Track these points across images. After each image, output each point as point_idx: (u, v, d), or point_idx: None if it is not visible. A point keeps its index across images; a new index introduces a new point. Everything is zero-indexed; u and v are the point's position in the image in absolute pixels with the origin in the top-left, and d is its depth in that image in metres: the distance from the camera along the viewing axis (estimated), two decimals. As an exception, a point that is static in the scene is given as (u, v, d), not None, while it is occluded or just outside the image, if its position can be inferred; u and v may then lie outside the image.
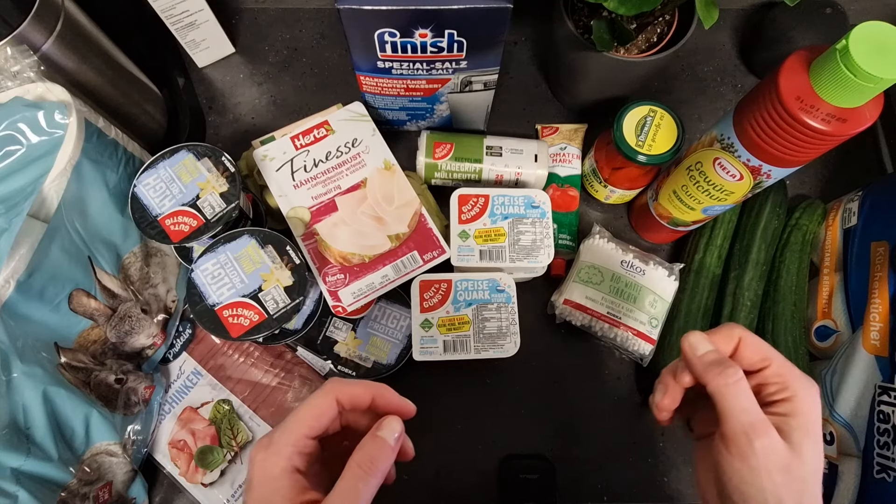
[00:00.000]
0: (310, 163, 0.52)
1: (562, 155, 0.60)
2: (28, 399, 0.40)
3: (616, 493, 0.53)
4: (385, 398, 0.33)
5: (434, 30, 0.44)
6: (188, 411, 0.52)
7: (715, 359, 0.32)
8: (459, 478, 0.54)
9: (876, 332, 0.46)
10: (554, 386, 0.56)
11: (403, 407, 0.33)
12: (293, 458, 0.29)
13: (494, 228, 0.50)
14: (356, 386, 0.32)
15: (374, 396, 0.32)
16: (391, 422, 0.31)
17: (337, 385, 0.31)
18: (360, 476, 0.29)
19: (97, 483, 0.44)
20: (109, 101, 0.52)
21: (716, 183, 0.45)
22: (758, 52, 0.64)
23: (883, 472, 0.43)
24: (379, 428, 0.31)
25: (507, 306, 0.49)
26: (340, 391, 0.31)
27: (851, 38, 0.31)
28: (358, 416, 0.34)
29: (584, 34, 0.51)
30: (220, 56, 0.65)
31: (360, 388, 0.32)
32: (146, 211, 0.46)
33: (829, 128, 0.35)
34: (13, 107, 0.42)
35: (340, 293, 0.49)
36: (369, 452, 0.30)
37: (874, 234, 0.50)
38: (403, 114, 0.57)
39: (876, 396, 0.44)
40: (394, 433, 0.31)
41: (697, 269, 0.55)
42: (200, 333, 0.55)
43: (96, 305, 0.46)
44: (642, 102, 0.51)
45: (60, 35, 0.45)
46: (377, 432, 0.31)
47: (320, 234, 0.50)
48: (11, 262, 0.39)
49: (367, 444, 0.30)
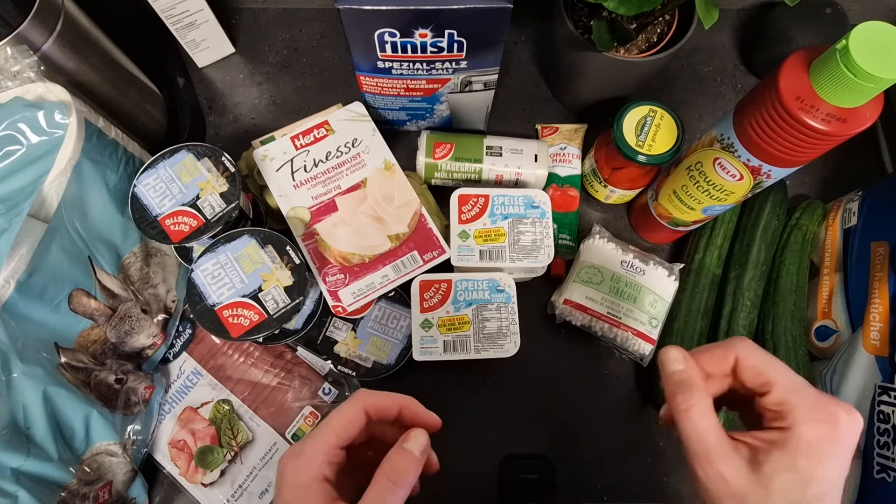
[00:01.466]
0: (310, 163, 0.52)
1: (562, 155, 0.60)
2: (28, 399, 0.40)
3: (616, 493, 0.53)
4: (412, 410, 0.33)
5: (434, 30, 0.44)
6: (188, 411, 0.52)
7: (678, 380, 0.31)
8: (459, 478, 0.53)
9: (876, 332, 0.46)
10: (554, 386, 0.56)
11: (429, 420, 0.33)
12: (323, 468, 0.30)
13: (494, 228, 0.50)
14: (384, 397, 0.32)
15: (401, 408, 0.32)
16: (418, 434, 0.31)
17: (365, 396, 0.32)
18: (388, 487, 0.29)
19: (97, 483, 0.44)
20: (109, 101, 0.52)
21: (716, 183, 0.45)
22: (758, 52, 0.64)
23: (883, 472, 0.43)
24: (406, 440, 0.31)
25: (507, 306, 0.49)
26: (369, 402, 0.31)
27: (851, 38, 0.31)
28: (383, 428, 0.34)
29: (584, 34, 0.51)
30: (220, 56, 0.65)
31: (387, 399, 0.32)
32: (146, 211, 0.46)
33: (829, 128, 0.35)
34: (13, 107, 0.43)
35: (340, 293, 0.49)
36: (397, 464, 0.30)
37: (874, 234, 0.50)
38: (403, 114, 0.57)
39: (876, 396, 0.44)
40: (420, 445, 0.31)
41: (697, 269, 0.55)
42: (200, 333, 0.55)
43: (96, 305, 0.46)
44: (642, 102, 0.51)
45: (60, 35, 0.45)
46: (404, 444, 0.30)
47: (320, 234, 0.50)
48: (11, 262, 0.39)
49: (395, 456, 0.30)
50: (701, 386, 0.30)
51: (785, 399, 0.29)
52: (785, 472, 0.28)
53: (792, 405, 0.29)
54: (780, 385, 0.29)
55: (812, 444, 0.28)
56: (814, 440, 0.28)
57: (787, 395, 0.29)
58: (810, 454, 0.28)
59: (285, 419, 0.52)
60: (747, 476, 0.28)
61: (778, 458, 0.28)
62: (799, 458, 0.28)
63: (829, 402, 0.29)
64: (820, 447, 0.28)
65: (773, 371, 0.30)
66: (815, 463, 0.28)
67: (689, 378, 0.31)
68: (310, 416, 0.52)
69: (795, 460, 0.28)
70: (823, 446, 0.28)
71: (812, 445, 0.28)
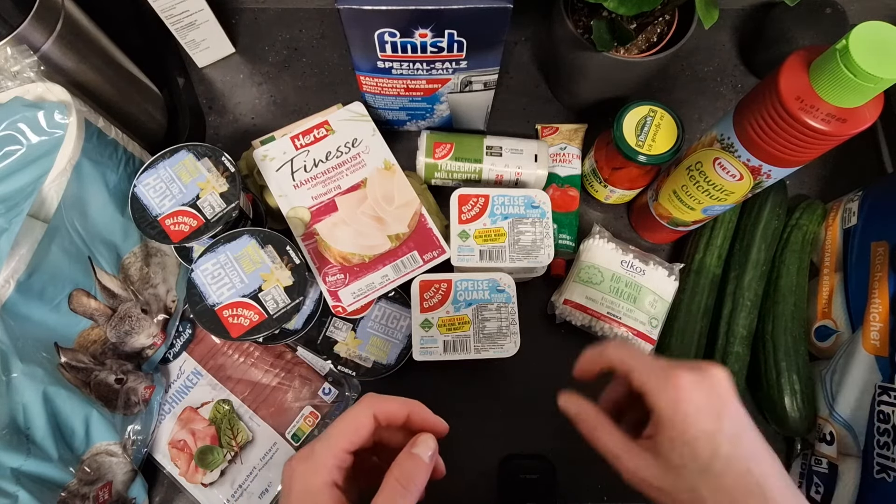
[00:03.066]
0: (310, 163, 0.52)
1: (562, 155, 0.60)
2: (28, 399, 0.40)
3: (616, 493, 0.53)
4: (420, 415, 0.33)
5: (434, 30, 0.44)
6: (188, 411, 0.52)
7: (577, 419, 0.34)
8: (459, 478, 0.53)
9: (876, 332, 0.46)
10: (554, 386, 0.56)
11: (437, 424, 0.33)
12: (333, 472, 0.29)
13: (494, 228, 0.50)
14: (393, 402, 0.32)
15: (410, 413, 0.32)
16: (426, 439, 0.31)
17: (374, 400, 0.32)
18: (398, 492, 0.29)
19: (97, 483, 0.44)
20: (109, 101, 0.52)
21: (716, 183, 0.45)
22: (758, 52, 0.64)
23: (883, 472, 0.43)
24: (414, 445, 0.31)
25: (507, 306, 0.49)
26: (378, 406, 0.31)
27: (851, 38, 0.31)
28: (390, 433, 0.33)
29: (584, 34, 0.51)
30: (220, 56, 0.65)
31: (396, 404, 0.32)
32: (146, 211, 0.46)
33: (829, 128, 0.35)
34: (13, 107, 0.43)
35: (340, 293, 0.49)
36: (407, 469, 0.30)
37: (874, 234, 0.50)
38: (403, 114, 0.57)
39: (876, 396, 0.44)
40: (429, 450, 0.31)
41: (697, 269, 0.55)
42: (200, 333, 0.55)
43: (96, 305, 0.46)
44: (642, 102, 0.51)
45: (60, 35, 0.45)
46: (412, 449, 0.30)
47: (320, 234, 0.50)
48: (11, 262, 0.39)
49: (404, 460, 0.30)
50: (593, 414, 0.34)
51: (641, 381, 0.31)
52: (671, 447, 0.29)
53: (646, 385, 0.31)
54: (636, 370, 0.32)
55: (667, 412, 0.30)
56: (666, 409, 0.30)
57: (642, 377, 0.31)
58: (673, 423, 0.29)
59: (285, 419, 0.52)
60: (657, 465, 0.30)
61: (662, 439, 0.30)
62: (670, 430, 0.30)
63: (670, 370, 0.31)
64: (675, 412, 0.29)
65: (630, 358, 0.32)
66: (681, 429, 0.29)
67: (582, 414, 0.34)
68: (310, 416, 0.52)
69: (671, 433, 0.30)
70: (677, 410, 0.29)
71: (669, 414, 0.30)
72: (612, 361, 0.34)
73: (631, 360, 0.32)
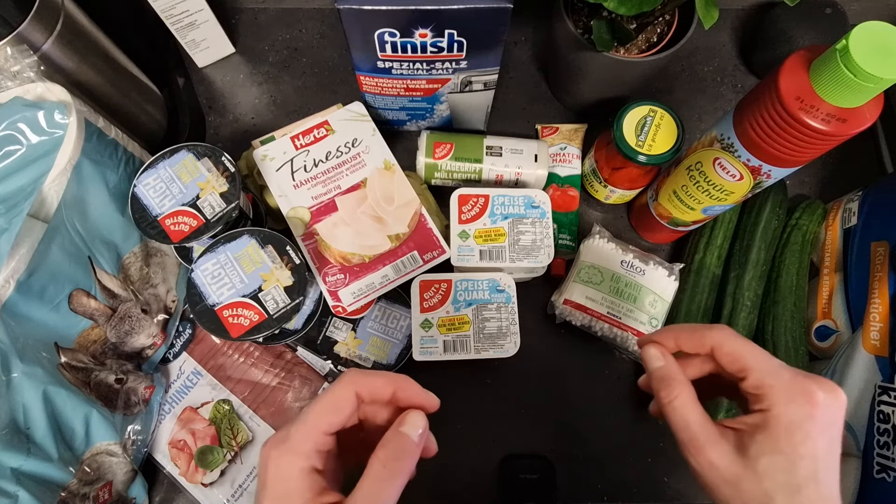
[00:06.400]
0: (310, 163, 0.52)
1: (562, 155, 0.60)
2: (28, 399, 0.40)
3: (616, 493, 0.53)
4: (407, 391, 0.30)
5: (434, 30, 0.44)
6: (188, 411, 0.52)
7: (660, 375, 0.32)
8: (459, 478, 0.54)
9: (876, 332, 0.46)
10: (554, 386, 0.56)
11: (426, 400, 0.30)
12: (311, 457, 0.27)
13: (494, 228, 0.50)
14: (376, 377, 0.29)
15: (396, 389, 0.30)
16: (414, 416, 0.29)
17: (356, 376, 0.29)
18: (384, 476, 0.27)
19: (97, 483, 0.44)
20: (109, 101, 0.52)
21: (716, 183, 0.45)
22: (758, 52, 0.64)
23: (883, 472, 0.43)
24: (402, 423, 0.28)
25: (507, 306, 0.49)
26: (360, 383, 0.29)
27: (851, 38, 0.31)
28: (377, 409, 0.31)
29: (584, 34, 0.51)
30: (220, 56, 0.65)
31: (380, 379, 0.29)
32: (146, 211, 0.46)
33: (829, 128, 0.35)
34: (13, 107, 0.42)
35: (340, 293, 0.49)
36: (393, 450, 0.27)
37: (874, 234, 0.50)
38: (403, 114, 0.57)
39: (876, 396, 0.44)
40: (417, 429, 0.28)
41: (697, 269, 0.55)
42: (200, 333, 0.55)
43: (96, 305, 0.46)
44: (642, 102, 0.51)
45: (60, 35, 0.45)
46: (400, 428, 0.28)
47: (320, 234, 0.50)
48: (11, 262, 0.39)
49: (391, 440, 0.28)
50: (681, 380, 0.31)
51: (761, 382, 0.29)
52: (770, 453, 0.28)
53: (768, 387, 0.29)
54: (755, 369, 0.30)
55: (790, 424, 0.28)
56: (791, 420, 0.28)
57: (764, 379, 0.29)
58: (790, 434, 0.28)
59: (285, 419, 0.52)
60: (736, 460, 0.29)
61: (762, 441, 0.28)
62: (780, 440, 0.28)
63: (804, 381, 0.29)
64: (799, 426, 0.28)
65: (748, 356, 0.30)
66: (796, 443, 0.28)
67: (669, 373, 0.32)
68: (310, 416, 0.52)
69: (777, 442, 0.28)
70: (802, 425, 0.28)
71: (791, 425, 0.28)
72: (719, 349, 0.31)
73: (750, 358, 0.30)
